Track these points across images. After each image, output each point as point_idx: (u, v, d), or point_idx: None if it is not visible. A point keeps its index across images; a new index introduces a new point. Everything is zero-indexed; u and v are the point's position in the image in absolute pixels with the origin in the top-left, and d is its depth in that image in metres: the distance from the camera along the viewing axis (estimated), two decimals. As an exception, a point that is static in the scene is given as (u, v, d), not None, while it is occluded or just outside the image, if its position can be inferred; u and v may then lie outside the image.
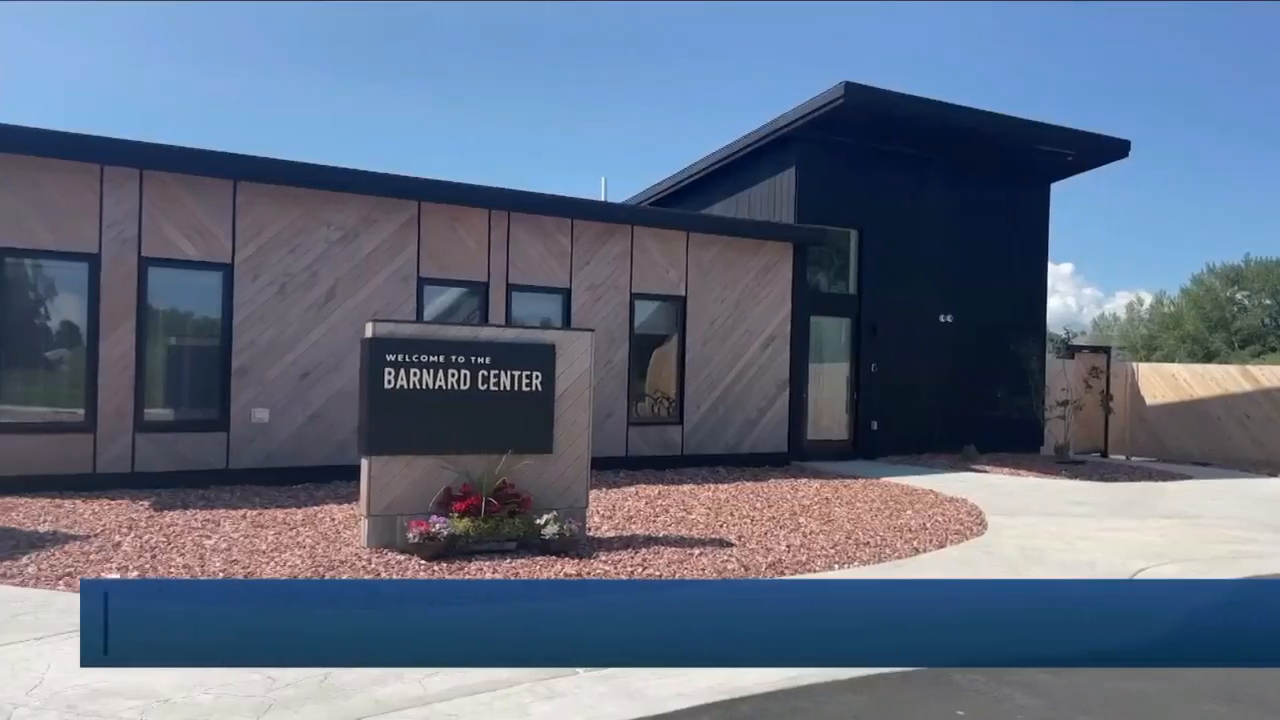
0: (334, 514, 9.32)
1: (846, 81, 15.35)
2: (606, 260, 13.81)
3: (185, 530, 8.25)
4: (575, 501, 8.43)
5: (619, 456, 13.59)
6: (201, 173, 11.10)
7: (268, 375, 11.44)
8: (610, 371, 13.62)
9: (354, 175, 11.99)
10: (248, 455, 11.29)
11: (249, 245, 11.39)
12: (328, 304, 11.81)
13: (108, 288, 10.63)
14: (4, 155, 10.12)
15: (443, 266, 12.61)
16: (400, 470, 7.88)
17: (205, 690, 4.47)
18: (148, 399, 10.93)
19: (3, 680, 4.46)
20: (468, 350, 8.07)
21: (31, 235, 10.30)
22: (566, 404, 8.44)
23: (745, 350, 14.96)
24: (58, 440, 10.40)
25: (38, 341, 10.75)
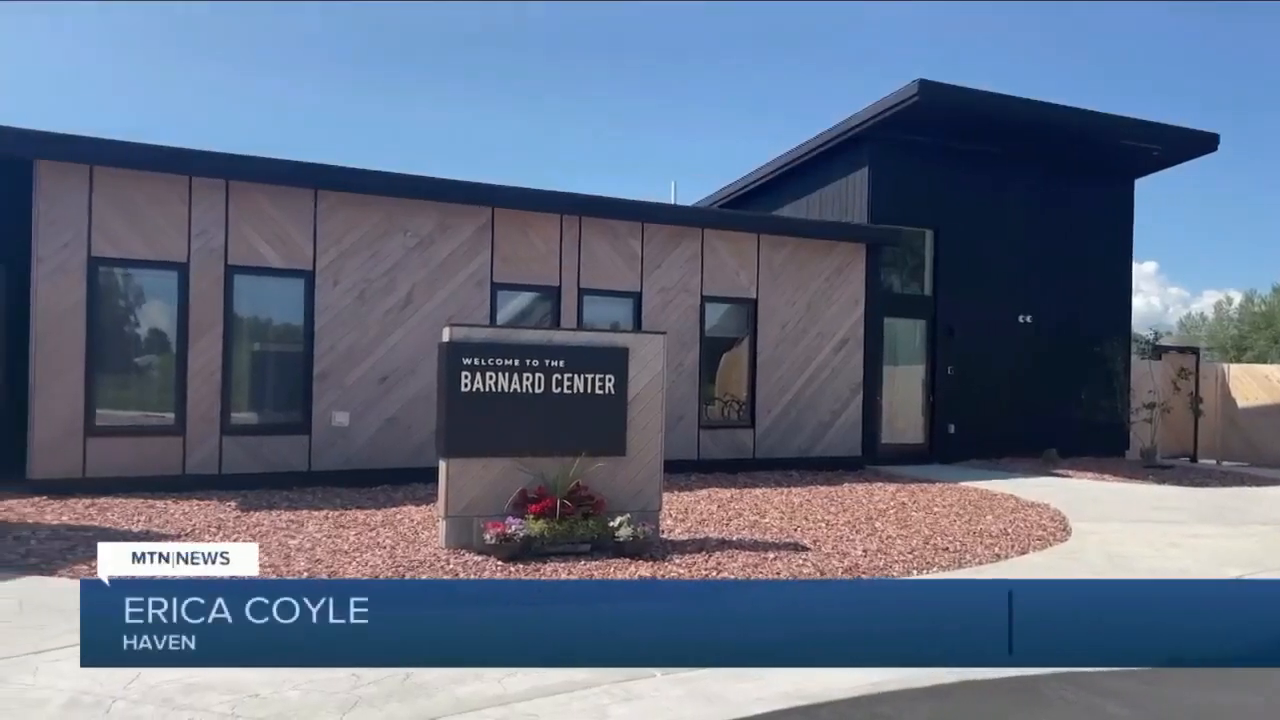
0: (412, 515, 9.49)
1: (920, 79, 15.11)
2: (677, 263, 13.81)
3: (271, 530, 8.49)
4: (648, 504, 8.44)
5: (690, 460, 13.57)
6: (284, 182, 11.42)
7: (347, 379, 11.70)
8: (681, 375, 13.61)
9: (430, 182, 12.22)
10: (328, 458, 11.56)
11: (329, 252, 11.67)
12: (405, 309, 12.03)
13: (195, 295, 11.00)
14: (99, 168, 10.54)
15: (515, 271, 12.75)
16: (477, 472, 7.98)
17: (293, 686, 4.59)
18: (233, 403, 11.27)
19: (102, 675, 4.64)
20: (542, 353, 8.14)
21: (124, 245, 10.71)
22: (639, 407, 8.46)
23: (817, 353, 14.81)
24: (149, 443, 10.79)
25: (130, 348, 11.17)
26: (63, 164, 10.39)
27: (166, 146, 10.90)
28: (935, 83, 15.27)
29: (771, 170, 19.09)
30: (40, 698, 4.40)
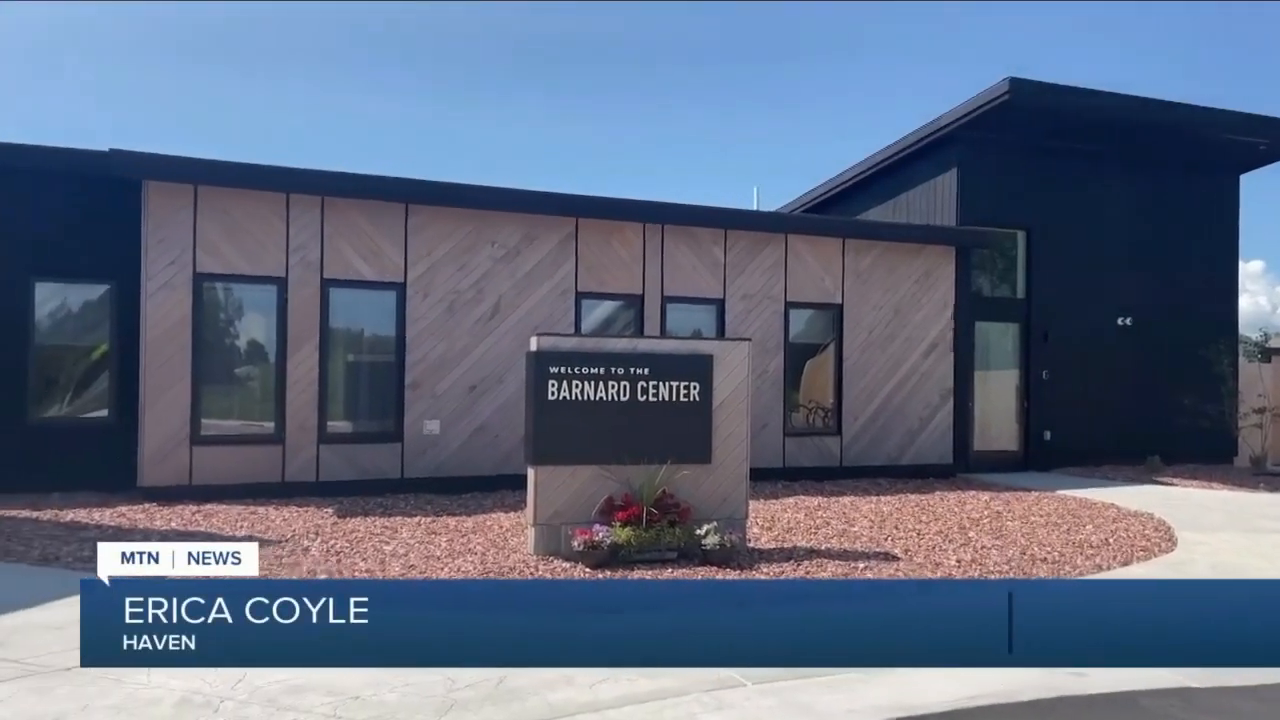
0: (501, 522, 9.64)
1: (1011, 77, 14.73)
2: (760, 270, 13.74)
3: (366, 536, 8.73)
4: (734, 512, 8.41)
5: (776, 467, 13.47)
6: (376, 197, 11.75)
7: (438, 389, 11.96)
8: (765, 382, 13.52)
9: (516, 195, 12.44)
10: (420, 465, 11.82)
11: (420, 264, 11.96)
12: (492, 319, 12.25)
13: (294, 308, 11.38)
14: (203, 188, 11.01)
15: (599, 280, 12.87)
16: (564, 480, 8.07)
17: (390, 689, 4.71)
18: (329, 412, 11.62)
19: (210, 675, 4.83)
20: (627, 362, 8.20)
21: (226, 261, 11.15)
22: (724, 414, 8.44)
23: (906, 358, 14.55)
24: (251, 452, 11.20)
25: (232, 360, 11.64)
26: (169, 184, 10.88)
27: (266, 165, 11.34)
28: (1026, 80, 14.88)
29: (855, 174, 18.85)
30: (154, 697, 4.60)
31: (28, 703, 4.48)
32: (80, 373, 11.78)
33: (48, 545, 8.04)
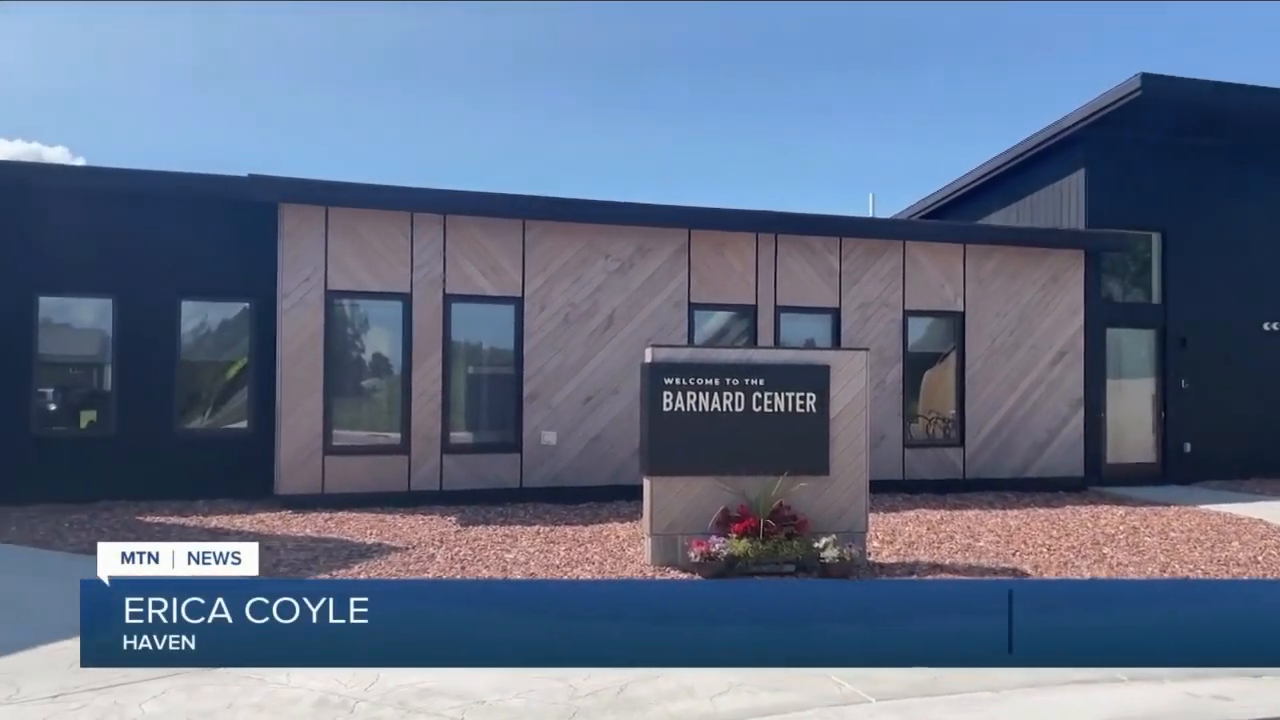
0: (617, 532, 9.72)
1: (1143, 73, 14.08)
2: (877, 278, 13.49)
3: (488, 544, 8.94)
4: (854, 525, 8.27)
5: (895, 480, 13.16)
6: (495, 214, 12.07)
7: (554, 400, 12.16)
8: (883, 392, 13.24)
9: (629, 208, 12.58)
10: (538, 475, 12.04)
11: (537, 279, 12.21)
12: (606, 331, 12.40)
13: (418, 323, 11.78)
14: (333, 209, 11.51)
15: (712, 291, 12.87)
16: (679, 491, 8.09)
17: (516, 695, 4.81)
18: (452, 423, 11.96)
19: (345, 676, 5.03)
20: (741, 372, 8.17)
21: (355, 279, 11.63)
22: (842, 425, 8.32)
23: (1032, 367, 14.03)
24: (378, 461, 11.62)
25: (361, 374, 12.13)
26: (303, 206, 11.42)
27: (391, 186, 11.79)
28: (1159, 75, 14.19)
29: (975, 178, 18.31)
30: (293, 696, 4.83)
31: (178, 699, 4.75)
32: (221, 386, 12.47)
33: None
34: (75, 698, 4.69)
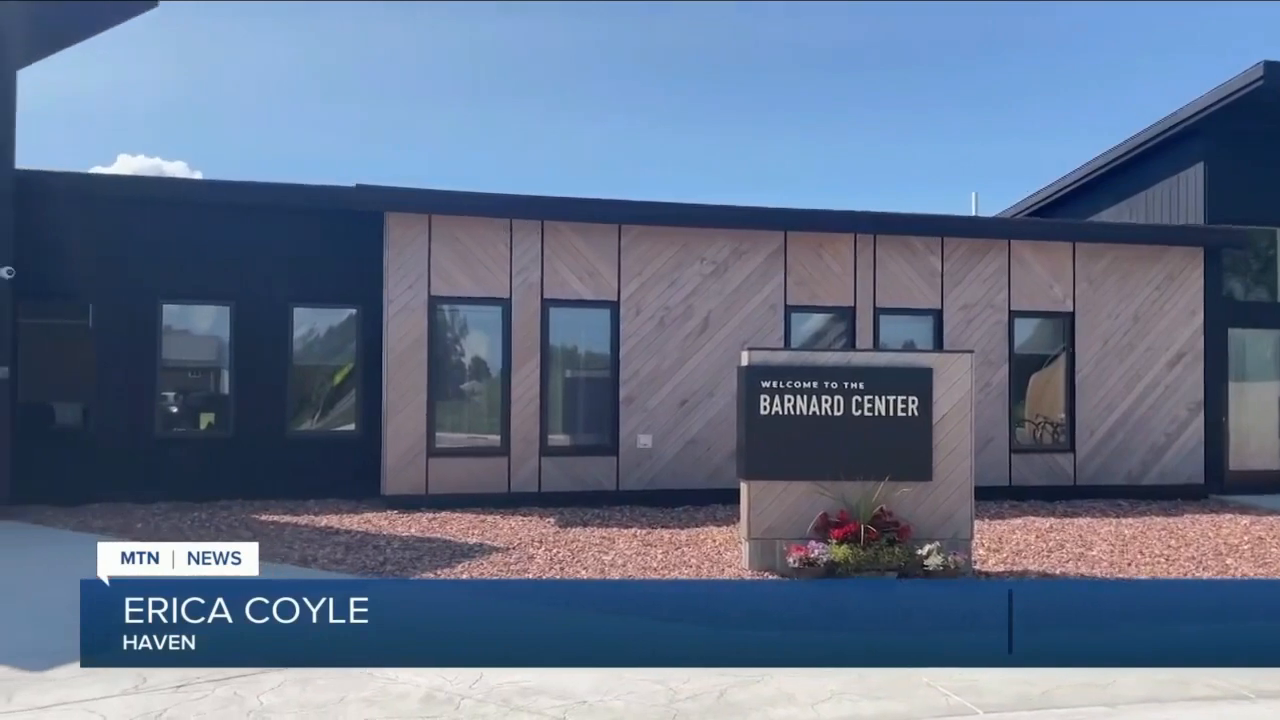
0: (714, 536, 9.70)
1: (1266, 61, 13.35)
2: (980, 278, 13.13)
3: (586, 546, 9.03)
4: (958, 532, 8.07)
5: (1001, 486, 12.77)
6: (591, 219, 12.20)
7: (650, 403, 12.21)
8: (988, 395, 12.87)
9: (724, 211, 12.56)
10: (634, 478, 12.10)
11: (632, 283, 12.28)
12: (702, 334, 12.38)
13: (517, 328, 11.98)
14: (436, 216, 11.80)
15: (809, 293, 12.73)
16: (777, 495, 8.03)
17: (616, 696, 4.85)
18: (550, 426, 12.12)
19: (451, 675, 5.14)
20: (840, 375, 8.06)
21: (457, 285, 11.90)
22: (945, 429, 8.13)
23: (1147, 370, 13.45)
24: (479, 463, 11.85)
25: (462, 377, 12.41)
26: (407, 215, 11.74)
27: (491, 194, 12.05)
28: (1284, 62, 13.43)
29: (1083, 175, 17.64)
30: (402, 692, 4.96)
31: (293, 692, 4.93)
32: (330, 390, 12.92)
33: (306, 548, 8.85)
34: (197, 688, 4.91)
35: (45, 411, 11.77)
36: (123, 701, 4.70)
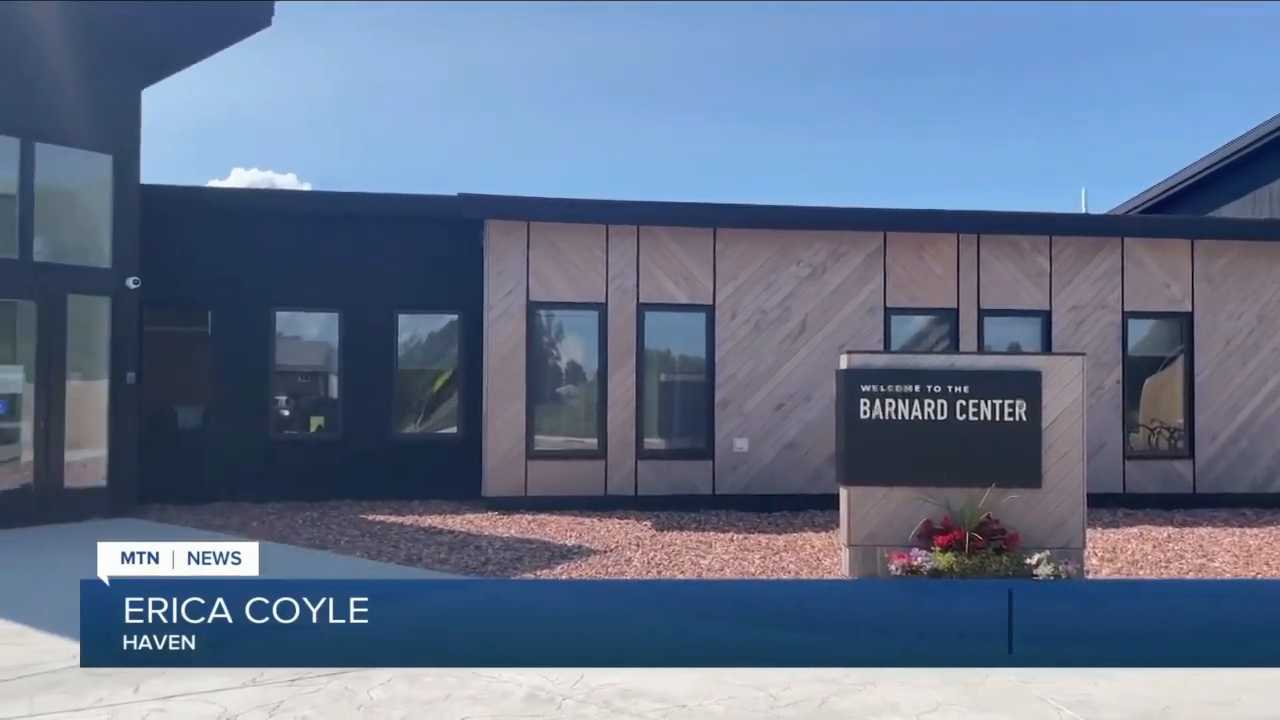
0: (812, 541, 9.58)
1: (1406, 39, 12.52)
2: (1091, 278, 12.65)
3: (683, 550, 9.03)
4: (1069, 541, 7.78)
5: (1115, 493, 12.27)
6: (686, 223, 12.21)
7: (746, 407, 12.14)
8: (1100, 399, 12.38)
9: (821, 212, 12.42)
10: (730, 482, 12.05)
11: (727, 286, 12.24)
12: (799, 338, 12.25)
13: (613, 332, 12.07)
14: (534, 223, 11.98)
15: (910, 295, 12.47)
16: (878, 501, 7.88)
17: (716, 700, 4.83)
18: (645, 430, 12.17)
19: (553, 675, 5.20)
20: (944, 379, 7.87)
21: (554, 290, 12.06)
22: (1055, 434, 7.85)
23: (1274, 372, 12.73)
24: (576, 466, 11.98)
25: (560, 381, 12.57)
26: (506, 222, 11.96)
27: (588, 200, 12.19)
28: None
29: (1199, 170, 16.87)
30: (505, 690, 5.04)
31: (402, 688, 5.07)
32: (432, 394, 13.25)
33: (411, 547, 9.09)
34: (311, 682, 5.09)
35: (168, 415, 12.38)
36: (241, 694, 4.90)
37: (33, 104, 10.33)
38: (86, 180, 11.03)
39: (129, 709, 4.69)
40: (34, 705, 4.69)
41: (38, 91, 10.37)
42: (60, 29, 10.48)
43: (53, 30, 10.45)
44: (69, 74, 10.56)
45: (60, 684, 4.93)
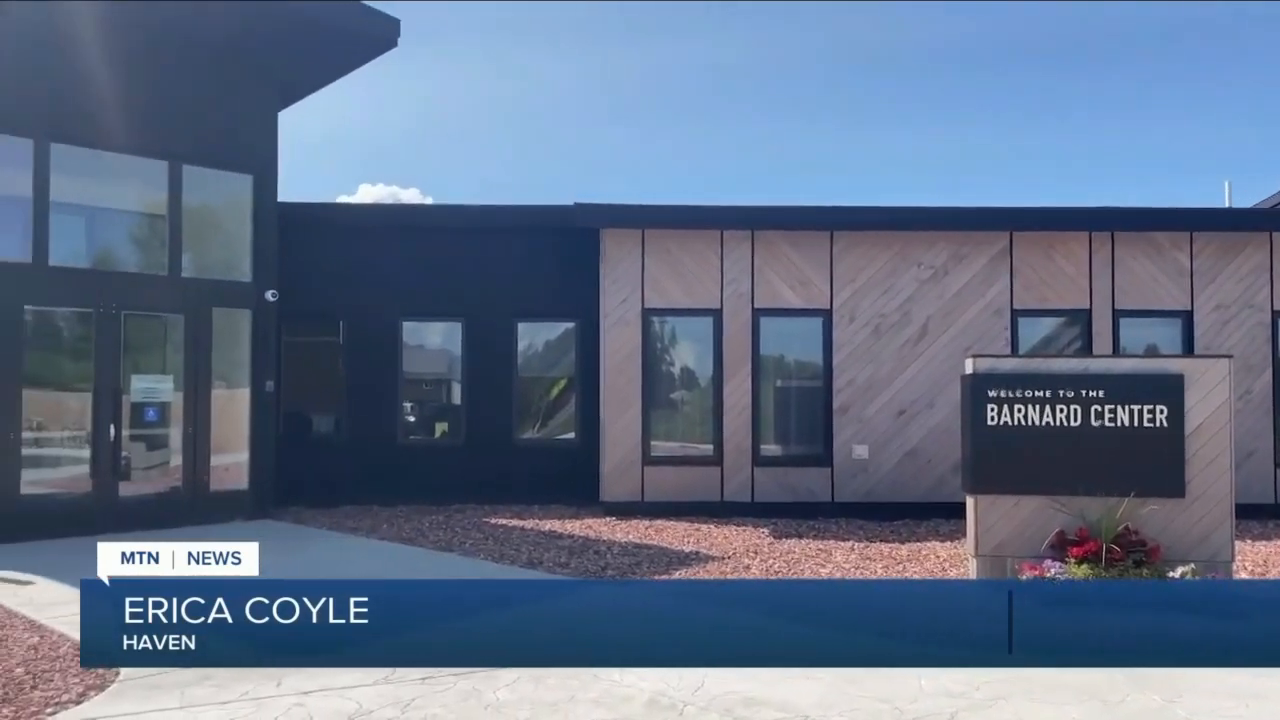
0: (937, 551, 9.32)
1: None
2: (1237, 275, 11.93)
3: (802, 558, 8.92)
4: (1216, 554, 7.36)
5: (1266, 504, 11.51)
6: (802, 227, 12.08)
7: (865, 413, 11.91)
8: (1248, 404, 11.63)
9: (943, 213, 12.11)
10: (849, 489, 11.84)
11: (845, 290, 12.04)
12: (920, 342, 11.96)
13: (728, 338, 12.04)
14: (648, 231, 12.06)
15: (1038, 296, 12.02)
16: (1007, 510, 7.62)
17: (839, 712, 4.75)
18: (762, 436, 12.08)
19: (674, 680, 5.21)
20: (1076, 383, 7.55)
21: (669, 297, 12.10)
22: (1199, 441, 7.43)
23: None
24: (692, 472, 11.98)
25: (674, 387, 12.60)
26: (620, 230, 12.08)
27: (702, 206, 12.23)
28: None
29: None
30: (627, 694, 5.08)
31: (527, 689, 5.16)
32: (550, 400, 13.49)
33: (532, 551, 9.27)
34: (440, 681, 5.24)
35: (304, 421, 12.99)
36: (374, 690, 5.09)
37: (180, 130, 11.00)
38: (229, 199, 11.68)
39: (273, 702, 4.92)
40: (185, 698, 4.97)
41: (185, 118, 11.04)
42: (203, 60, 11.17)
43: (197, 62, 11.14)
44: (212, 101, 11.23)
45: (209, 678, 5.21)
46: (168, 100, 10.96)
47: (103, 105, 10.32)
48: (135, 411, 10.63)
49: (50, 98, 10.07)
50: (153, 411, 10.79)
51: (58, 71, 10.10)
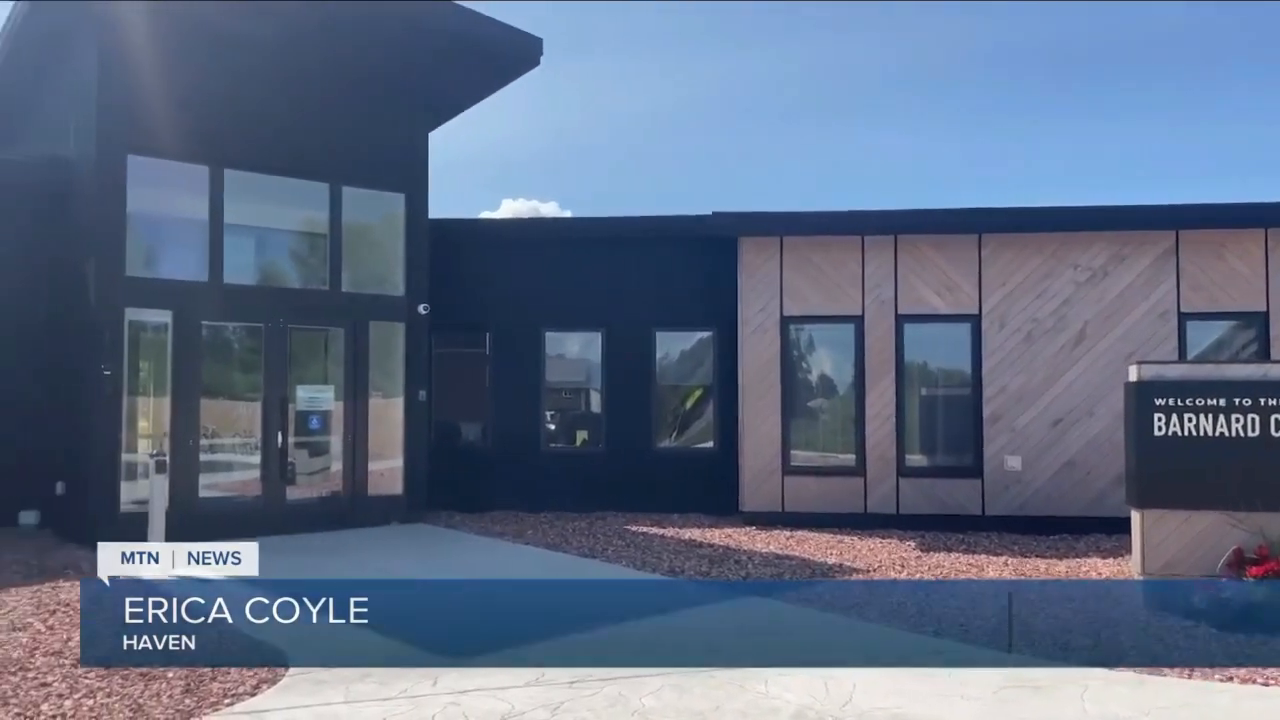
0: (1098, 568, 8.84)
1: None
2: None
3: (952, 572, 8.63)
4: None
5: None
6: (948, 231, 11.71)
7: (1018, 422, 11.43)
8: None
9: (1101, 213, 11.54)
10: (1001, 502, 11.37)
11: (994, 295, 11.60)
12: (1076, 348, 11.40)
13: (870, 345, 11.78)
14: (786, 238, 11.95)
15: (1208, 298, 11.26)
16: (1176, 526, 7.18)
17: (995, 734, 4.57)
18: (906, 446, 11.75)
19: (818, 693, 5.13)
20: (1255, 391, 7.05)
21: (808, 304, 11.95)
22: (1401, 455, 6.78)
23: None
24: (833, 482, 11.77)
25: (815, 396, 12.42)
26: (758, 238, 12.02)
27: (842, 211, 12.00)
28: None
29: None
30: (773, 706, 5.03)
31: (671, 697, 5.18)
32: (688, 409, 13.52)
33: (673, 559, 9.31)
34: (587, 685, 5.32)
35: (453, 429, 13.47)
36: (525, 693, 5.21)
37: (339, 153, 11.62)
38: (383, 217, 12.25)
39: (429, 700, 5.11)
40: (350, 693, 5.22)
41: (343, 142, 11.66)
42: (360, 86, 11.77)
43: (354, 88, 11.75)
44: (368, 125, 11.82)
45: (370, 675, 5.46)
46: (328, 125, 11.59)
47: (270, 132, 11.05)
48: (300, 420, 11.26)
49: (223, 127, 10.81)
50: (316, 420, 11.40)
51: (230, 103, 10.83)
